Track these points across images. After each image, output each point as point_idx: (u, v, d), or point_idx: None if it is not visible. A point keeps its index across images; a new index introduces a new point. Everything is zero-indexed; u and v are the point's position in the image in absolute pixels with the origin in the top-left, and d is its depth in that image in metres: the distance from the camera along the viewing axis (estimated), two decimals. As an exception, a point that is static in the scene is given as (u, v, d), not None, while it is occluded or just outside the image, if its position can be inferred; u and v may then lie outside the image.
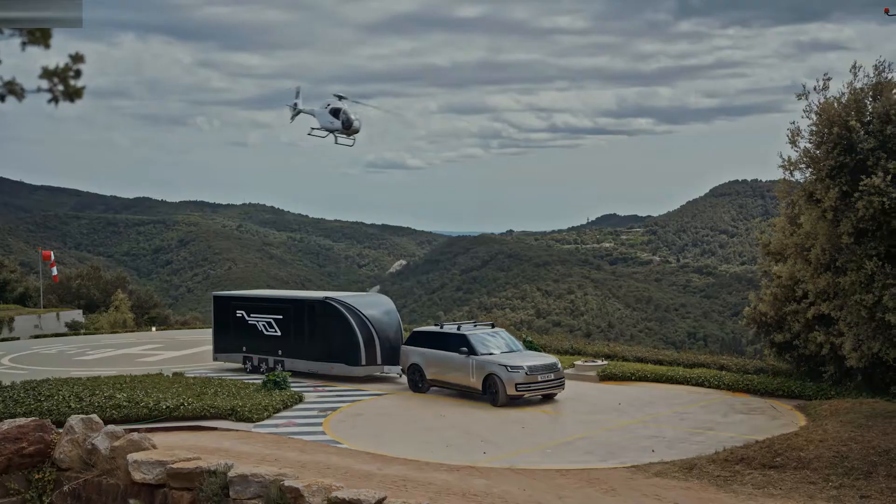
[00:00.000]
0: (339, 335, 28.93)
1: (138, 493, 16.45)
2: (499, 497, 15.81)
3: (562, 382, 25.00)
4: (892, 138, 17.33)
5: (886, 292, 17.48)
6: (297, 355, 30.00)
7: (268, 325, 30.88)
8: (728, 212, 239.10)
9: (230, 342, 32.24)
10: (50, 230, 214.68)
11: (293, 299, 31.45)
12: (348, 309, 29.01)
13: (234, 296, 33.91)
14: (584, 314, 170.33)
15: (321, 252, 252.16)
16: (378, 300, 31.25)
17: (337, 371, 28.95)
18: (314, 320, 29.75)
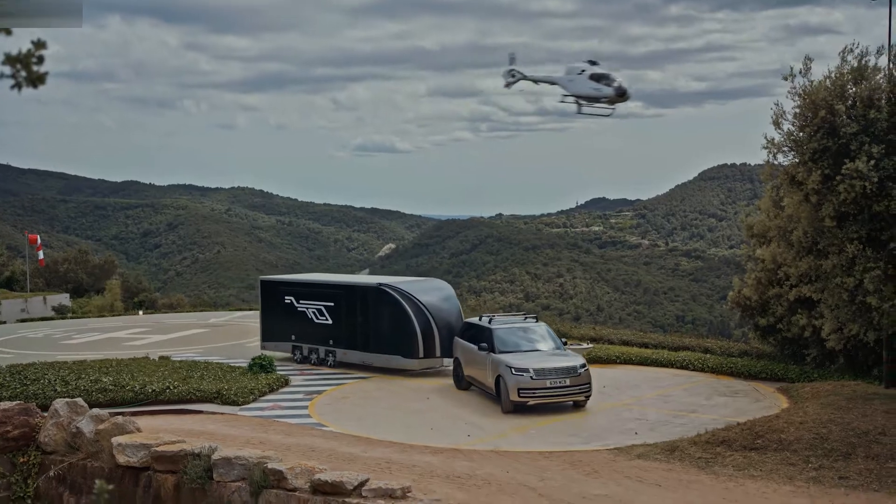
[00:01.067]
0: (394, 325, 26.77)
1: (123, 476, 16.49)
2: (482, 479, 15.92)
3: (584, 390, 21.60)
4: (875, 123, 17.41)
5: (867, 275, 17.60)
6: (350, 346, 27.99)
7: (318, 312, 28.82)
8: (717, 195, 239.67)
9: (278, 330, 30.23)
10: (38, 214, 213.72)
11: (345, 285, 28.92)
12: (404, 296, 26.76)
13: (283, 280, 31.62)
14: (573, 297, 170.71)
15: (310, 236, 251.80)
16: (436, 286, 28.70)
17: (393, 364, 26.79)
18: (367, 308, 27.51)
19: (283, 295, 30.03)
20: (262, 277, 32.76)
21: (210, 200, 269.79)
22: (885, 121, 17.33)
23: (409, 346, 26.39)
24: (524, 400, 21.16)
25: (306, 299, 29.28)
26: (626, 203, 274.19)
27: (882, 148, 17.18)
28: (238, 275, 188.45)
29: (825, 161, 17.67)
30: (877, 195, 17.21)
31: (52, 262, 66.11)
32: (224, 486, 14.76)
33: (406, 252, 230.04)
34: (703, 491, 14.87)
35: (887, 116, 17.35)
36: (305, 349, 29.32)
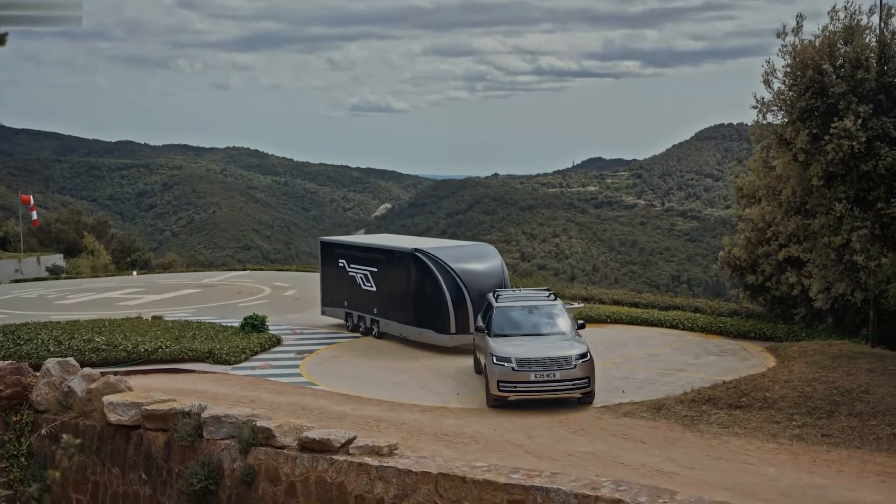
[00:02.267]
0: (427, 295, 24.38)
1: (114, 435, 16.66)
2: (469, 437, 16.11)
3: (580, 386, 18.06)
4: (863, 83, 17.39)
5: (854, 235, 17.68)
6: (390, 316, 25.93)
7: (365, 278, 26.98)
8: (713, 155, 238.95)
9: (334, 295, 28.85)
10: (32, 174, 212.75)
11: (385, 249, 26.63)
12: (436, 263, 24.25)
13: (337, 242, 29.70)
14: (568, 258, 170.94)
15: (306, 196, 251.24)
16: (477, 252, 25.88)
17: (426, 338, 24.50)
18: (403, 276, 25.29)
19: (337, 258, 28.56)
20: (321, 238, 31.24)
21: (205, 160, 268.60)
22: (873, 81, 17.32)
23: (441, 319, 23.94)
24: (504, 395, 18.00)
25: (356, 263, 27.54)
26: (622, 163, 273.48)
27: (870, 108, 17.18)
28: (234, 235, 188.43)
29: (813, 121, 17.66)
30: (864, 155, 17.23)
31: (44, 222, 65.99)
32: (214, 444, 14.91)
33: (402, 212, 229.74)
34: (688, 448, 15.07)
35: (876, 76, 17.33)
36: (356, 317, 27.61)
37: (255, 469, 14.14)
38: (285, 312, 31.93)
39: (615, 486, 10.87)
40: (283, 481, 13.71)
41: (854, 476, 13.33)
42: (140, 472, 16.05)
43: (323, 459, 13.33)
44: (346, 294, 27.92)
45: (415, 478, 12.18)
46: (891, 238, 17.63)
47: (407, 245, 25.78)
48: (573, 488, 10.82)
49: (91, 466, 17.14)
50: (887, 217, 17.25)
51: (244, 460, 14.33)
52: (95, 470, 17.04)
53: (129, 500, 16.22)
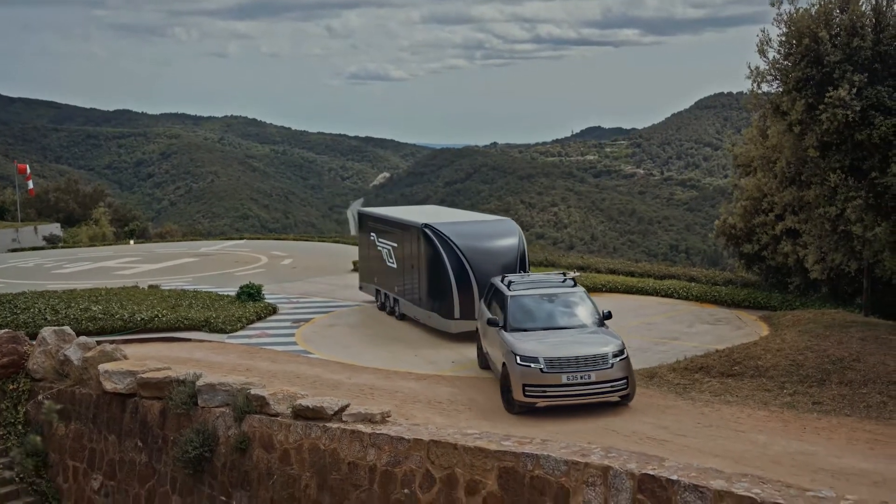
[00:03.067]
0: (434, 275, 22.35)
1: (110, 403, 16.78)
2: (463, 404, 16.22)
3: (618, 388, 15.49)
4: (859, 51, 17.31)
5: (849, 205, 17.70)
6: (407, 296, 24.06)
7: (389, 253, 25.30)
8: (713, 124, 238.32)
9: (367, 270, 27.49)
10: (29, 143, 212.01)
11: (402, 223, 24.56)
12: (442, 240, 22.14)
13: (370, 214, 28.08)
14: (567, 227, 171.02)
15: (304, 165, 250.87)
16: (495, 229, 23.36)
17: (433, 323, 22.45)
18: (415, 252, 23.32)
19: (369, 231, 27.15)
20: (359, 209, 30.01)
21: (203, 129, 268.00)
22: (868, 49, 17.24)
23: (445, 303, 21.92)
24: (531, 401, 15.21)
25: (383, 238, 25.85)
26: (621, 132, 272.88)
27: (865, 76, 17.12)
28: (232, 204, 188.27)
29: (809, 90, 17.61)
30: (859, 124, 17.19)
31: (42, 191, 65.92)
32: (208, 412, 15.05)
33: (401, 181, 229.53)
34: (679, 416, 15.17)
35: (871, 45, 17.24)
36: (383, 294, 25.93)
37: (250, 436, 14.27)
38: (282, 281, 32.00)
39: (605, 453, 10.98)
40: (277, 448, 13.85)
41: (843, 443, 13.44)
42: (136, 439, 16.20)
43: (316, 427, 13.46)
44: (375, 270, 26.48)
45: (407, 445, 12.30)
46: (885, 208, 17.63)
47: (418, 219, 23.55)
48: (563, 455, 10.94)
49: (88, 434, 17.29)
50: (881, 186, 17.24)
51: (239, 428, 14.46)
52: (92, 437, 17.19)
53: (126, 467, 16.38)
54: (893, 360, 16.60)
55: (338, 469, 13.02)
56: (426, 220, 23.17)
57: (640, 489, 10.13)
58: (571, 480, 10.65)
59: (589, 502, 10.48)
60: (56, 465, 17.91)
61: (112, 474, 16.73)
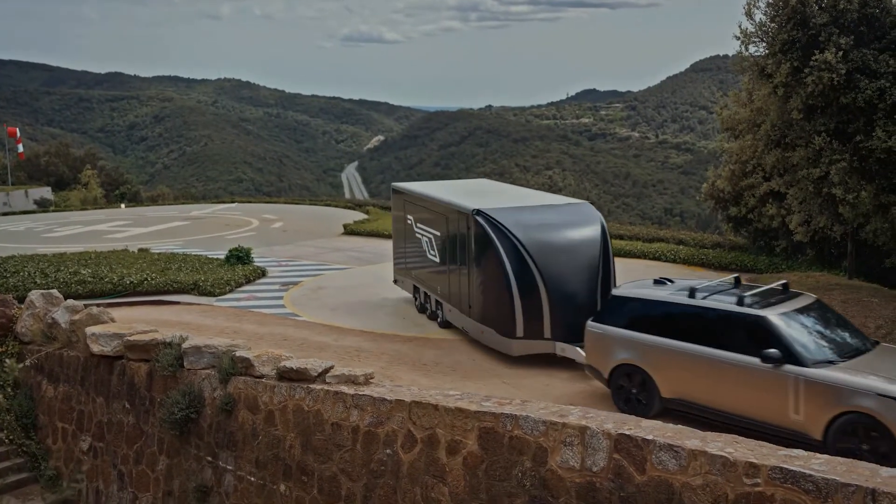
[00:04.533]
0: (488, 278, 17.29)
1: (98, 365, 16.89)
2: (448, 366, 16.40)
3: None
4: (845, 14, 17.26)
5: (833, 167, 17.75)
6: (453, 300, 18.99)
7: (430, 242, 20.37)
8: (708, 87, 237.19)
9: (403, 261, 22.64)
10: (21, 106, 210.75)
11: (446, 205, 19.31)
12: (500, 232, 16.95)
13: (407, 191, 22.60)
14: (562, 190, 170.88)
15: (298, 128, 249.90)
16: (569, 216, 18.04)
17: (487, 340, 17.36)
18: (464, 246, 18.21)
19: (406, 212, 22.14)
20: (393, 185, 24.00)
21: (196, 93, 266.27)
22: (855, 11, 17.19)
23: (503, 316, 16.77)
24: None
25: (422, 223, 20.87)
26: (616, 95, 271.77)
27: (851, 39, 17.09)
28: (226, 168, 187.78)
29: (794, 52, 17.59)
30: (844, 87, 17.20)
31: (32, 154, 65.66)
32: (194, 374, 15.15)
33: (395, 144, 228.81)
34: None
35: (858, 7, 17.20)
36: (422, 293, 21.12)
37: (235, 398, 14.40)
38: (272, 244, 32.08)
39: (583, 414, 11.12)
40: (262, 409, 13.98)
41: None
42: (123, 401, 16.33)
43: (300, 388, 13.57)
44: (413, 262, 21.56)
45: (389, 405, 12.43)
46: (869, 171, 17.70)
47: (467, 201, 18.42)
48: (541, 416, 11.07)
49: (76, 396, 17.42)
50: (865, 150, 17.29)
51: (224, 389, 14.58)
52: (80, 399, 17.32)
53: (114, 429, 16.53)
54: (874, 323, 16.77)
55: (321, 430, 13.16)
56: (478, 203, 18.01)
57: (617, 448, 10.26)
58: (549, 440, 10.78)
59: (566, 462, 10.63)
60: (45, 426, 18.06)
61: (100, 435, 16.88)
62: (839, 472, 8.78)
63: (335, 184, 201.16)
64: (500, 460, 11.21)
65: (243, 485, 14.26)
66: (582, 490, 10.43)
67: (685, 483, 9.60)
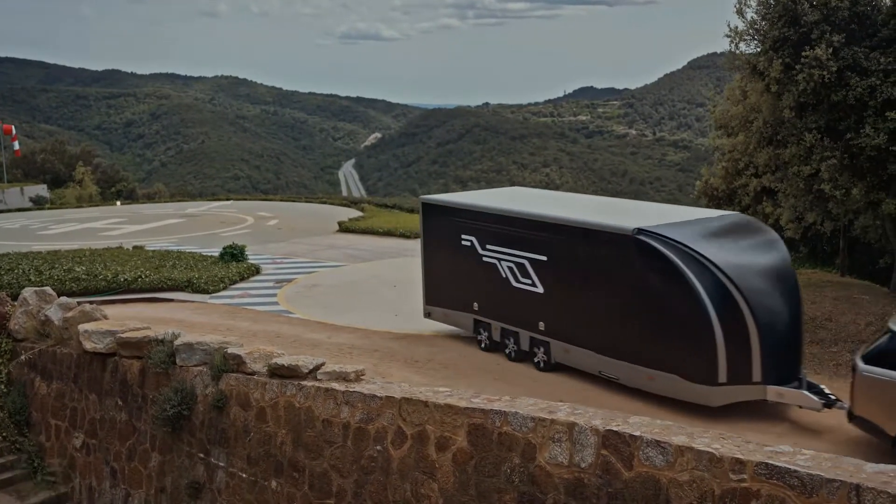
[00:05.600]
0: (667, 314, 14.27)
1: (91, 362, 16.92)
2: (440, 363, 16.45)
3: None
4: (836, 11, 17.30)
5: (823, 164, 17.80)
6: (577, 338, 15.85)
7: (520, 269, 16.93)
8: (706, 84, 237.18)
9: (449, 290, 18.84)
10: (18, 104, 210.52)
11: (573, 226, 15.87)
12: (686, 255, 13.92)
13: (459, 206, 18.70)
14: (559, 187, 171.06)
15: (295, 125, 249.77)
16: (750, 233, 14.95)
17: (661, 386, 14.37)
18: (615, 273, 15.01)
19: (457, 231, 18.44)
20: (423, 198, 20.23)
21: (193, 90, 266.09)
22: (846, 9, 17.24)
23: (697, 358, 13.89)
24: None
25: (499, 244, 17.43)
26: (613, 92, 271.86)
27: (842, 37, 17.13)
28: (224, 165, 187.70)
29: (786, 50, 17.63)
30: (835, 85, 17.25)
31: (28, 152, 65.57)
32: (187, 371, 15.18)
33: (392, 141, 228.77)
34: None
35: (849, 5, 17.24)
36: (496, 330, 17.62)
37: (227, 394, 14.44)
38: (266, 242, 32.11)
39: (571, 410, 11.17)
40: (254, 406, 14.02)
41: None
42: (116, 398, 16.36)
43: (292, 385, 13.62)
44: (475, 291, 18.10)
45: (379, 402, 12.48)
46: (859, 168, 17.75)
47: (619, 223, 15.08)
48: (530, 412, 11.12)
49: (69, 393, 17.46)
50: (856, 147, 17.34)
51: (216, 386, 14.62)
52: (73, 396, 17.36)
53: (106, 426, 16.56)
54: (864, 320, 16.85)
55: (312, 426, 13.21)
56: (631, 221, 15.00)
57: (605, 445, 10.32)
58: (538, 436, 10.84)
59: (555, 458, 10.68)
60: (38, 423, 18.10)
61: (93, 432, 16.92)
62: (824, 467, 8.84)
63: (332, 181, 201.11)
64: (489, 456, 11.27)
65: (235, 481, 14.31)
66: (570, 486, 10.49)
67: (672, 479, 9.66)
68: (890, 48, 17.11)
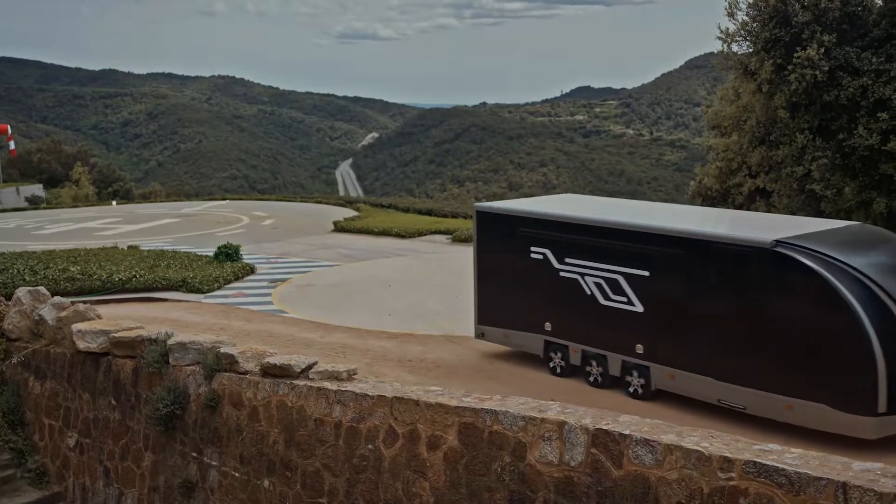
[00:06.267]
0: (812, 333, 12.72)
1: (84, 361, 16.94)
2: (432, 363, 16.48)
3: None
4: (828, 12, 17.39)
5: (815, 164, 17.87)
6: (689, 363, 14.17)
7: (611, 285, 15.17)
8: (703, 84, 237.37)
9: (511, 308, 16.86)
10: (15, 104, 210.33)
11: (684, 238, 14.20)
12: (837, 270, 12.55)
13: (527, 214, 16.84)
14: (556, 187, 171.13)
15: (292, 125, 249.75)
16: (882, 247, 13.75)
17: (802, 417, 12.82)
18: (742, 290, 13.46)
19: (525, 242, 16.58)
20: (479, 205, 18.17)
21: (190, 90, 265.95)
22: (837, 10, 17.32)
23: (854, 384, 12.41)
24: None
25: (581, 257, 15.68)
26: (610, 92, 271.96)
27: (834, 37, 17.22)
28: (221, 165, 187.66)
29: (777, 51, 17.73)
30: (827, 85, 17.34)
31: (24, 152, 65.54)
32: (180, 370, 15.21)
33: (389, 141, 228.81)
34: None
35: (840, 5, 17.33)
36: (575, 352, 15.89)
37: (220, 394, 14.46)
38: (261, 241, 32.13)
39: (561, 409, 11.21)
40: (246, 405, 14.05)
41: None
42: (109, 397, 16.39)
43: (284, 384, 13.65)
44: (548, 309, 16.28)
45: (371, 401, 12.51)
46: (852, 168, 17.83)
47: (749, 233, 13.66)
48: (521, 411, 11.16)
49: (63, 393, 17.48)
50: (848, 147, 17.42)
51: (209, 386, 14.64)
52: (67, 396, 17.38)
53: (100, 425, 16.59)
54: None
55: (304, 425, 13.24)
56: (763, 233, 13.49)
57: (594, 443, 10.36)
58: (528, 435, 10.88)
59: (545, 456, 10.72)
60: (32, 423, 18.11)
61: (87, 432, 16.94)
62: (812, 465, 8.89)
63: (329, 181, 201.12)
64: (479, 455, 11.31)
65: (228, 480, 14.34)
66: (560, 485, 10.53)
67: (661, 477, 9.70)
68: (881, 48, 17.20)
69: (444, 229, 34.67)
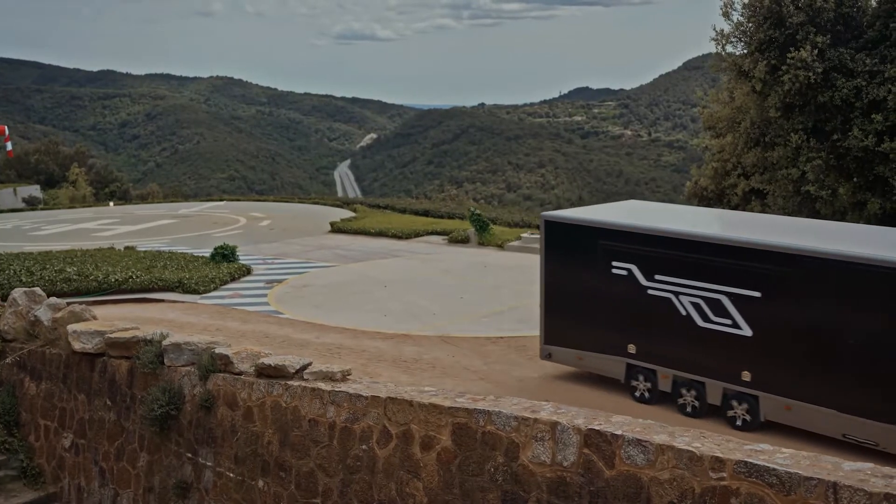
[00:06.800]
0: None
1: (80, 362, 16.95)
2: (427, 363, 16.50)
3: None
4: (821, 13, 17.42)
5: (809, 165, 17.90)
6: (808, 394, 13.01)
7: (712, 306, 13.94)
8: (701, 85, 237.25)
9: (587, 328, 15.71)
10: (12, 104, 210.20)
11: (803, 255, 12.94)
12: None
13: (609, 226, 15.50)
14: (554, 188, 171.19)
15: (290, 126, 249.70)
16: None
17: None
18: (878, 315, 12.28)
19: (605, 256, 15.33)
20: (547, 214, 16.70)
21: (188, 90, 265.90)
22: (831, 11, 17.35)
23: None
24: None
25: (675, 274, 14.40)
26: (609, 93, 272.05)
27: (828, 38, 17.26)
28: (219, 166, 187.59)
29: (772, 52, 17.76)
30: (821, 86, 17.37)
31: (22, 152, 65.49)
32: (175, 371, 15.22)
33: (387, 142, 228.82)
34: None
35: (834, 6, 17.36)
36: (665, 378, 14.73)
37: (214, 394, 14.48)
38: (258, 242, 32.14)
39: (554, 409, 11.23)
40: (241, 406, 14.07)
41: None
42: (105, 398, 16.39)
43: (278, 385, 13.66)
44: (632, 330, 15.12)
45: (365, 402, 12.53)
46: (846, 169, 17.86)
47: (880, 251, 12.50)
48: (514, 411, 11.18)
49: (58, 393, 17.48)
50: (843, 148, 17.45)
51: (204, 386, 14.65)
52: (62, 397, 17.38)
53: (95, 426, 16.60)
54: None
55: (299, 426, 13.26)
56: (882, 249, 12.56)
57: (587, 443, 10.38)
58: (521, 436, 10.90)
59: (538, 456, 10.74)
60: (27, 423, 18.12)
61: (82, 432, 16.95)
62: (802, 465, 8.92)
63: (328, 182, 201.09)
64: (473, 455, 11.33)
65: (222, 481, 14.35)
66: (553, 485, 10.55)
67: (653, 477, 9.72)
68: (875, 49, 17.24)
69: (440, 230, 34.70)
